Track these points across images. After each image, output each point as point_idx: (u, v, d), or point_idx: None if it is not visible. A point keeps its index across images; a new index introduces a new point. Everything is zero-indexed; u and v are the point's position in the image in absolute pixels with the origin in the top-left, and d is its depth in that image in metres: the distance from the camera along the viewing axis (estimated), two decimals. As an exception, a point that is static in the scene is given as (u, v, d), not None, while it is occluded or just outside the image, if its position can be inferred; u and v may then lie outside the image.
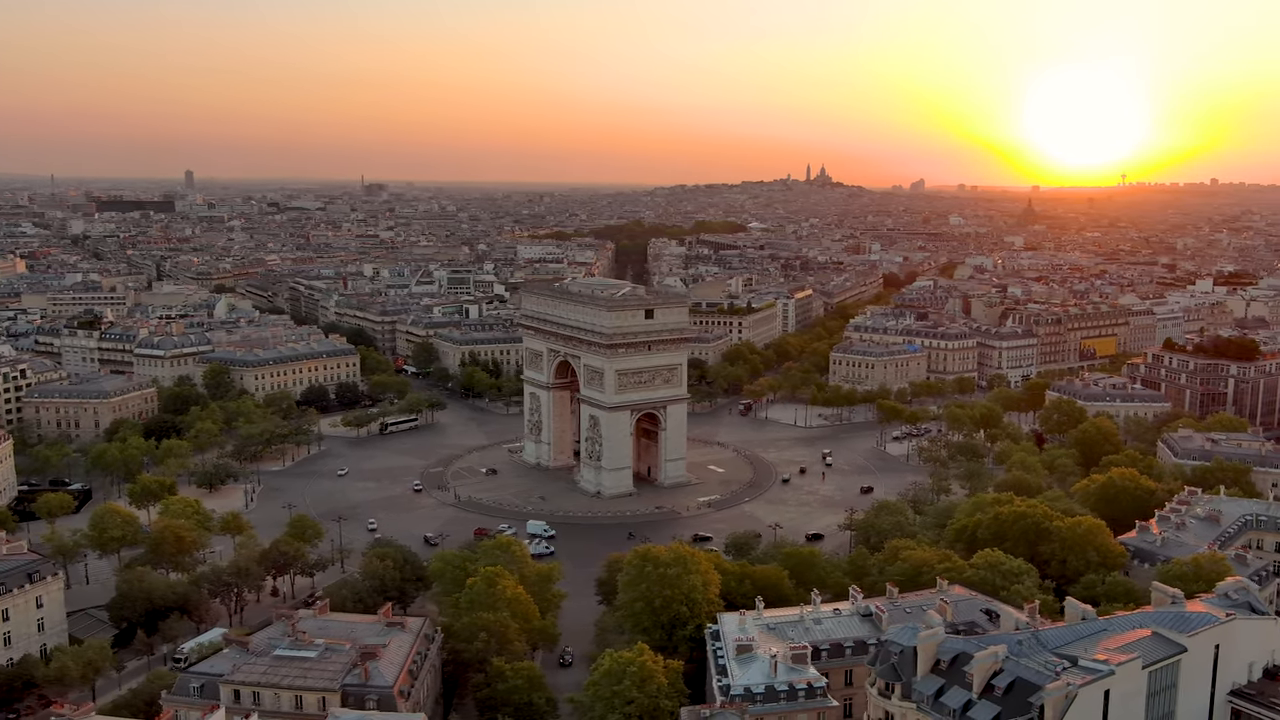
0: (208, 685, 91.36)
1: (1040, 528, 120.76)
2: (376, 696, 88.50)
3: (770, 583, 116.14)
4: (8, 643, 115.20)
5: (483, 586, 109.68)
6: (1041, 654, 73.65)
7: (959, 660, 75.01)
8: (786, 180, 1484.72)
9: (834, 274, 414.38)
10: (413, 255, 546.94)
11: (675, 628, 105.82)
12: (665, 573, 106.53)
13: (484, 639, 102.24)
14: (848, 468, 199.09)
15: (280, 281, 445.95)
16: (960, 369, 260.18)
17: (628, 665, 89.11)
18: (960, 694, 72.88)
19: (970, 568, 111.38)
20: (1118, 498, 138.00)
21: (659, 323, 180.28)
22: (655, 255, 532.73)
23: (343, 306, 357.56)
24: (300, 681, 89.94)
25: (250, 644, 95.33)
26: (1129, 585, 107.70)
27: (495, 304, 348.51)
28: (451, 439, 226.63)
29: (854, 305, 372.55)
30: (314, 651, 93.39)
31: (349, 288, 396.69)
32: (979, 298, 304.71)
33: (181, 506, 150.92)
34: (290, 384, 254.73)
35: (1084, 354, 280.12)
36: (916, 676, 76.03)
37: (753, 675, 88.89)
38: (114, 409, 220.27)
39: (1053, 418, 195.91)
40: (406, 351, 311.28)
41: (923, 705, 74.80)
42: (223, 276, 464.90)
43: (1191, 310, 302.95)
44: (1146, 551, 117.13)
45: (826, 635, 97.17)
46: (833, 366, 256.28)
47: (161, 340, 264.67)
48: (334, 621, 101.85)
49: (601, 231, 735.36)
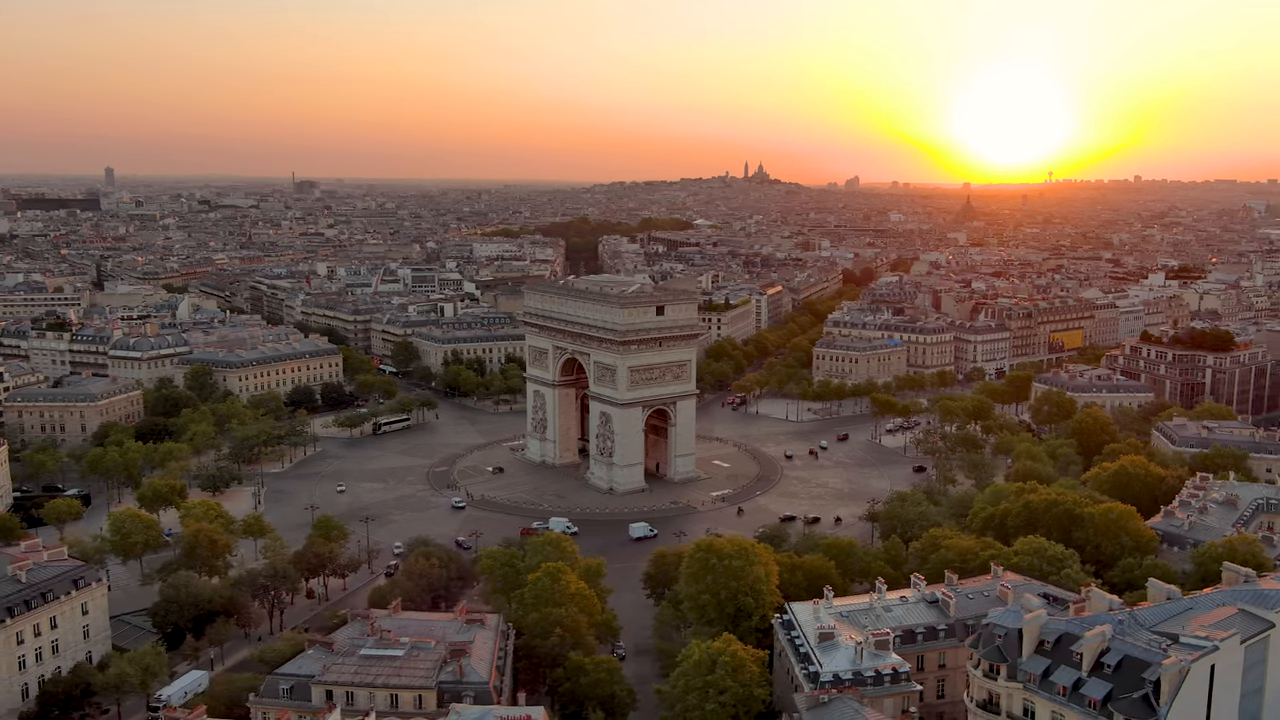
0: (297, 686, 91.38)
1: (1072, 514, 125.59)
2: (473, 693, 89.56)
3: (819, 573, 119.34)
4: (55, 650, 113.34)
5: (547, 582, 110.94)
6: (1141, 632, 77.72)
7: (1063, 640, 78.82)
8: (725, 177, 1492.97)
9: (796, 270, 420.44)
10: (363, 254, 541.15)
11: (740, 619, 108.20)
12: (731, 565, 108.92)
13: (559, 634, 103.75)
14: (849, 460, 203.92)
15: (237, 281, 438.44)
16: (938, 363, 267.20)
17: (718, 655, 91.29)
18: (1069, 672, 76.63)
19: (1015, 554, 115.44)
20: (1129, 484, 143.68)
21: (669, 319, 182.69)
22: (613, 253, 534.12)
23: (310, 306, 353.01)
24: (394, 680, 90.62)
25: (335, 644, 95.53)
26: (1165, 568, 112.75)
27: (468, 302, 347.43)
28: (447, 438, 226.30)
29: (820, 301, 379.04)
30: (401, 650, 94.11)
31: (312, 287, 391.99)
32: (948, 293, 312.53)
33: (204, 510, 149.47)
34: (274, 385, 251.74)
35: (1053, 347, 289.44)
36: (1022, 657, 79.68)
37: (839, 661, 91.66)
38: (101, 412, 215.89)
39: (1043, 409, 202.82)
40: (383, 351, 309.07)
41: (1029, 685, 78.47)
42: (170, 276, 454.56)
43: (1151, 304, 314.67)
44: (1175, 535, 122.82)
45: (897, 621, 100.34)
46: (816, 362, 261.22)
47: (138, 342, 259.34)
48: (412, 620, 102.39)
49: (548, 229, 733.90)
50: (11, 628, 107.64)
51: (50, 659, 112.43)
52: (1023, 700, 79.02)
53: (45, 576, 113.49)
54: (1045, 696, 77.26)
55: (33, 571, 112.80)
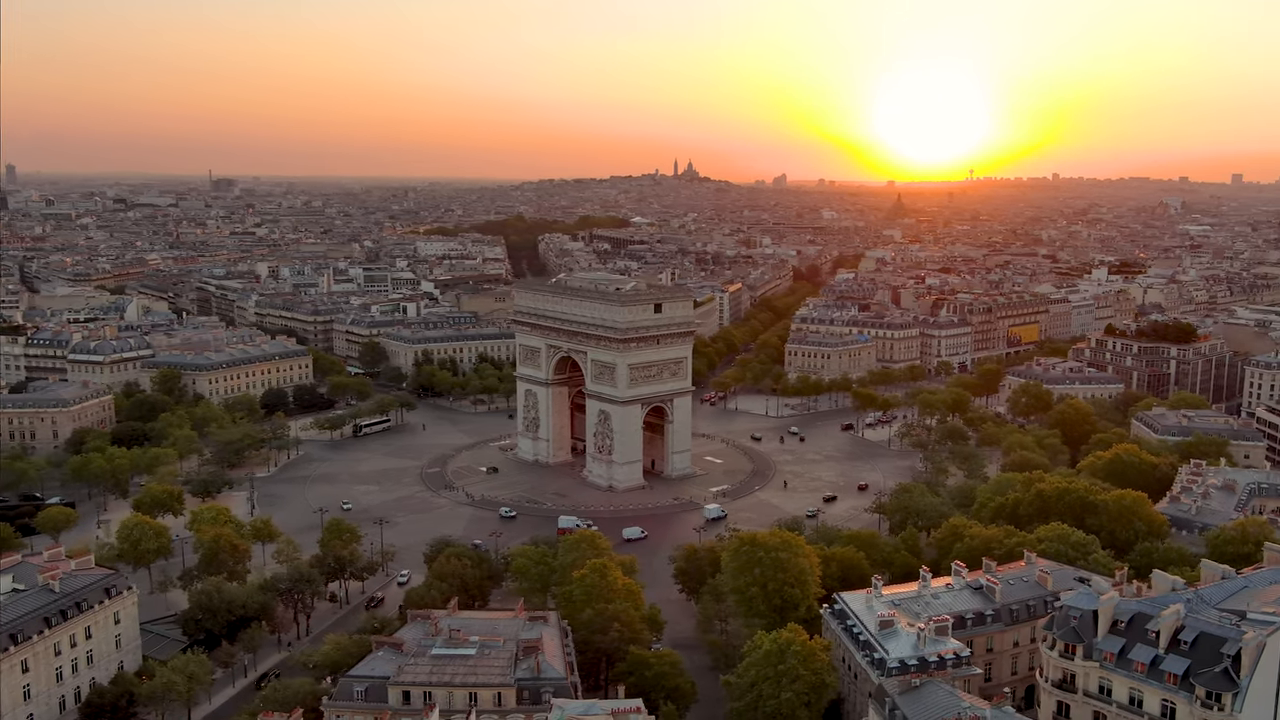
0: (372, 688, 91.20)
1: (1085, 502, 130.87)
2: (552, 688, 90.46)
3: (851, 564, 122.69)
4: (90, 661, 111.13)
5: (595, 579, 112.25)
6: (1209, 610, 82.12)
7: (1136, 620, 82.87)
8: (655, 175, 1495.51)
9: (749, 268, 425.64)
10: (302, 253, 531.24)
11: (787, 610, 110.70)
12: (777, 557, 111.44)
13: (618, 629, 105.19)
14: (837, 454, 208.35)
15: (182, 282, 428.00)
16: (906, 357, 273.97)
17: (789, 645, 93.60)
18: (1146, 650, 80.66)
19: (1039, 541, 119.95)
20: (1125, 472, 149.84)
21: (666, 316, 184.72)
22: (560, 251, 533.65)
23: (264, 307, 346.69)
24: (471, 679, 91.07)
25: (404, 645, 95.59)
26: (1182, 550, 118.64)
27: (428, 302, 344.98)
28: (430, 439, 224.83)
29: (775, 298, 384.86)
30: (472, 649, 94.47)
31: (262, 287, 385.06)
32: (907, 289, 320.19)
33: (214, 514, 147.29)
34: (245, 388, 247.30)
35: (1011, 340, 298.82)
36: (1097, 637, 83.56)
37: (902, 648, 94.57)
38: (74, 418, 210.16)
39: (1021, 401, 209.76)
40: (347, 352, 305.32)
41: (1106, 663, 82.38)
42: (102, 278, 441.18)
43: (1099, 298, 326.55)
44: (1183, 519, 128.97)
45: (946, 608, 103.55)
46: (789, 358, 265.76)
47: (99, 345, 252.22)
48: (473, 619, 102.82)
49: (483, 227, 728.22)
50: (50, 638, 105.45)
51: (85, 670, 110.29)
52: (1099, 678, 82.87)
53: (78, 586, 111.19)
54: (1123, 674, 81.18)
55: (65, 581, 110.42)
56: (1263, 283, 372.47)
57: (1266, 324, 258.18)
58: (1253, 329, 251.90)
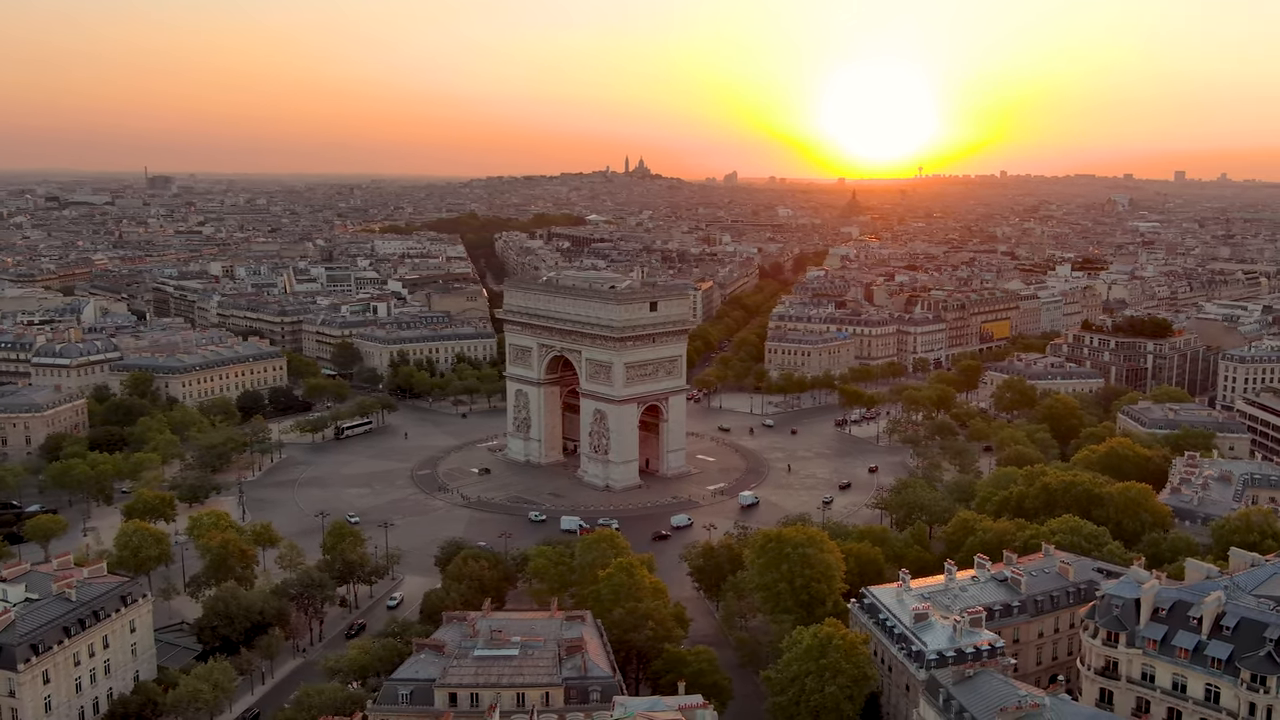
0: (417, 691, 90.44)
1: (1091, 494, 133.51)
2: (600, 687, 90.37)
3: (867, 558, 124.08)
4: (108, 671, 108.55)
5: (623, 577, 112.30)
6: (1245, 596, 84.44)
7: (1177, 607, 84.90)
8: (607, 172, 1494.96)
9: (717, 266, 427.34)
10: (254, 253, 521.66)
11: (814, 605, 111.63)
12: (804, 553, 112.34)
13: (651, 627, 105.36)
14: (828, 451, 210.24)
15: (136, 282, 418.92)
16: (883, 354, 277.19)
17: (830, 639, 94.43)
18: (1189, 636, 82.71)
19: (1052, 534, 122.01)
20: (1120, 465, 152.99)
21: (662, 314, 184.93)
22: (521, 249, 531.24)
23: (227, 308, 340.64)
24: (519, 679, 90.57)
25: (445, 647, 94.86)
26: (1188, 540, 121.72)
27: (397, 302, 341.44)
28: (414, 441, 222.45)
29: (745, 296, 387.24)
30: (514, 650, 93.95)
31: (225, 288, 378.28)
32: (880, 286, 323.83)
33: (215, 520, 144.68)
34: (219, 390, 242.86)
35: (984, 337, 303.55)
36: (1140, 625, 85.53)
37: (939, 640, 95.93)
38: (47, 423, 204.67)
39: (1005, 396, 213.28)
40: (317, 353, 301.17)
41: (1149, 650, 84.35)
42: (47, 278, 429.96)
43: (1067, 294, 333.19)
44: (1186, 510, 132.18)
45: (974, 600, 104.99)
46: (769, 355, 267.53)
47: (65, 348, 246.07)
48: (509, 620, 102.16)
49: (436, 225, 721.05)
50: (69, 648, 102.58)
51: (104, 680, 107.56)
52: (1142, 665, 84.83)
53: (95, 594, 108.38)
54: (1166, 660, 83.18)
55: (81, 589, 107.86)
56: (1220, 279, 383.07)
57: (1234, 319, 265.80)
58: (1222, 324, 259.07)
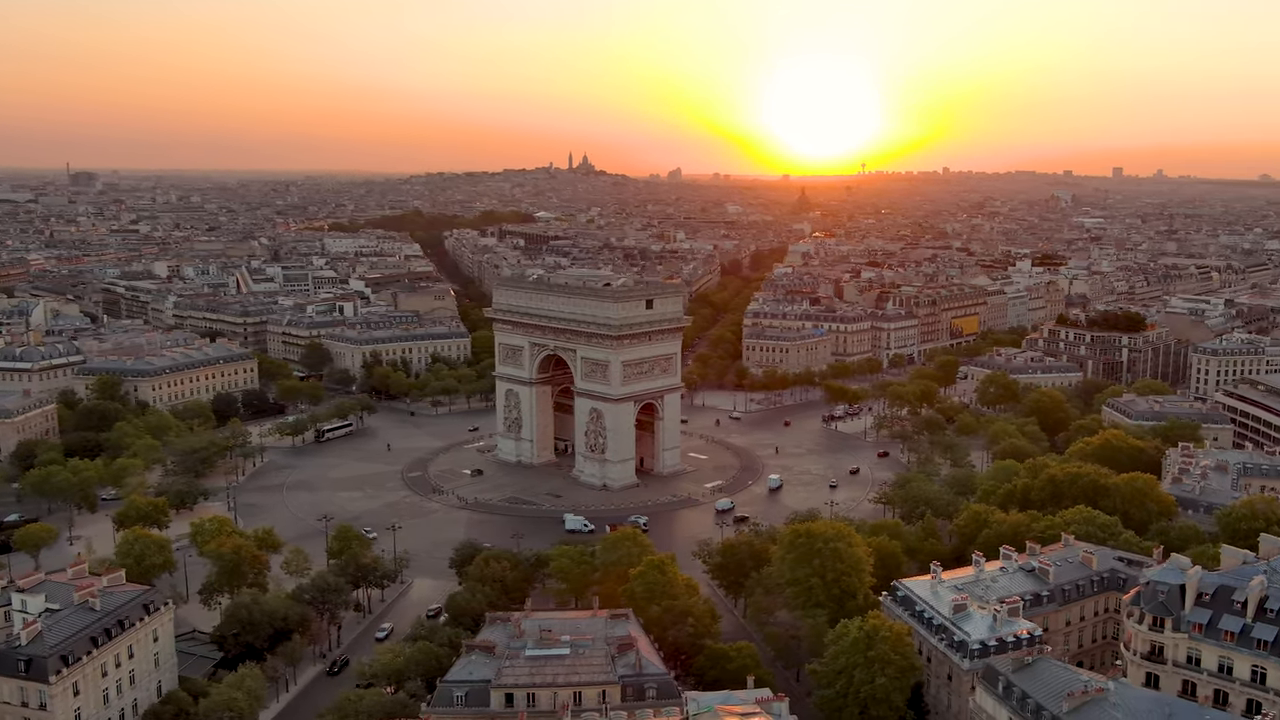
0: (473, 692, 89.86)
1: (1097, 485, 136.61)
2: (656, 684, 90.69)
3: (888, 551, 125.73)
4: (133, 681, 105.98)
5: (655, 575, 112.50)
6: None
7: (1220, 592, 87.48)
8: (550, 168, 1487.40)
9: (680, 263, 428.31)
10: (197, 252, 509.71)
11: (845, 599, 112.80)
12: (835, 547, 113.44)
13: (691, 624, 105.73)
14: (818, 447, 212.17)
15: (81, 283, 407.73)
16: (859, 350, 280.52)
17: (877, 631, 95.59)
18: (1234, 620, 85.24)
19: (1066, 525, 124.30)
20: (1115, 456, 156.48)
21: (658, 312, 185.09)
22: (477, 247, 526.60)
23: (184, 308, 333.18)
24: (574, 678, 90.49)
25: (495, 648, 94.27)
26: (1195, 528, 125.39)
27: (363, 301, 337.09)
28: (397, 442, 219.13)
29: (711, 293, 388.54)
30: (565, 649, 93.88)
31: (177, 288, 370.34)
32: (849, 283, 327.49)
33: (218, 525, 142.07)
34: (192, 394, 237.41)
35: (953, 332, 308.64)
36: (1185, 610, 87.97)
37: (980, 629, 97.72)
38: (18, 429, 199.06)
39: (989, 390, 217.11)
40: (284, 354, 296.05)
41: (1194, 634, 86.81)
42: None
43: (1031, 290, 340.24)
44: (1189, 500, 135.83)
45: (1006, 591, 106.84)
46: (746, 352, 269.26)
47: (25, 351, 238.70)
48: (553, 620, 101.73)
49: (380, 222, 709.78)
50: (97, 659, 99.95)
51: (129, 691, 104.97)
52: (1188, 649, 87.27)
53: (119, 603, 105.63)
54: (1212, 644, 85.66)
55: (105, 598, 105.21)
56: (1174, 273, 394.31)
57: (1200, 313, 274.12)
58: (1190, 318, 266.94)
